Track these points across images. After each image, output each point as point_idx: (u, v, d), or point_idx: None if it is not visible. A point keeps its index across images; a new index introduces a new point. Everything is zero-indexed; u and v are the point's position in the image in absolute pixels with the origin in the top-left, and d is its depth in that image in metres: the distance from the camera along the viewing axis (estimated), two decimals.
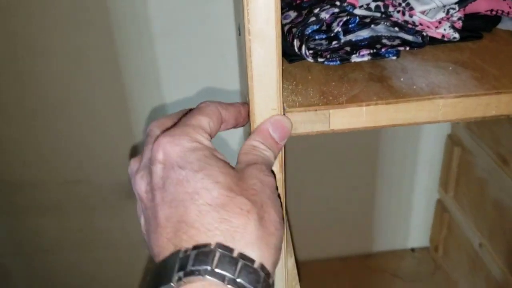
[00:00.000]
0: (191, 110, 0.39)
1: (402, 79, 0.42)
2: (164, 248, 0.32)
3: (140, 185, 0.35)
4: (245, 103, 0.41)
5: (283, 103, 0.38)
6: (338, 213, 1.10)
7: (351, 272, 1.11)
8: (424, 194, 1.10)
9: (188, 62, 0.88)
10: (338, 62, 0.44)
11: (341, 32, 0.44)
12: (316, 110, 0.38)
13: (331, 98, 0.40)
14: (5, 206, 0.99)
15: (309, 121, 0.39)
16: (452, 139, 1.02)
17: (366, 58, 0.45)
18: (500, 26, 0.51)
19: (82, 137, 0.93)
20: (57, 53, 0.84)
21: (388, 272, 1.11)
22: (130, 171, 0.38)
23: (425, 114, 0.39)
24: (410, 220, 1.14)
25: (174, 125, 0.37)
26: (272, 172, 0.37)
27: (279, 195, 0.36)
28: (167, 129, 0.36)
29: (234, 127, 0.40)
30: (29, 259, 1.06)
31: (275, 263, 0.33)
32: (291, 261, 0.48)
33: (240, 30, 0.50)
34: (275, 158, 0.38)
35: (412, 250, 1.16)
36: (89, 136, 0.93)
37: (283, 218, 0.35)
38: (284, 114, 0.38)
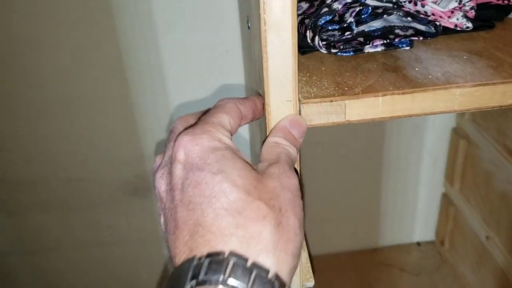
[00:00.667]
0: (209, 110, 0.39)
1: (417, 69, 0.41)
2: (180, 250, 0.31)
3: (160, 184, 0.35)
4: (259, 96, 0.40)
5: (298, 95, 0.38)
6: (343, 208, 1.10)
7: (357, 267, 1.11)
8: (429, 188, 1.10)
9: (192, 57, 0.87)
10: (352, 53, 0.44)
11: (354, 23, 0.44)
12: (331, 101, 0.38)
13: (346, 88, 0.39)
14: (9, 204, 0.99)
15: (325, 112, 0.38)
16: (458, 132, 1.01)
17: (379, 49, 0.44)
18: None
19: (86, 134, 0.92)
20: (60, 50, 0.83)
21: (395, 266, 1.11)
22: (153, 167, 0.38)
23: (442, 104, 0.39)
24: (416, 214, 1.13)
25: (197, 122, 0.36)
26: (295, 171, 0.36)
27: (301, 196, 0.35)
28: (190, 126, 0.36)
29: (251, 120, 0.40)
30: (34, 257, 1.06)
31: (293, 270, 0.32)
32: (305, 255, 0.48)
33: (250, 22, 0.49)
34: (297, 154, 0.38)
35: (418, 244, 1.16)
36: (93, 133, 0.92)
37: (303, 222, 0.34)
38: (299, 106, 0.38)
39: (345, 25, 0.44)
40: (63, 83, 0.87)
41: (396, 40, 0.44)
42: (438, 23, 0.45)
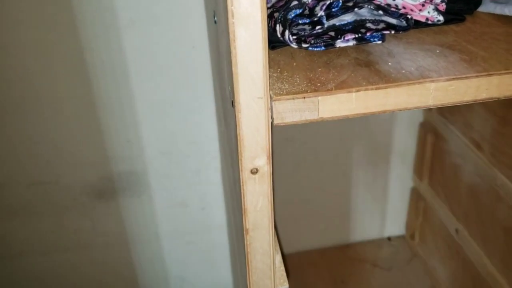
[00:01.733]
0: None
1: (389, 63, 0.40)
2: None
3: None
4: None
5: (269, 91, 0.36)
6: (314, 205, 1.09)
7: (329, 263, 1.10)
8: (399, 183, 1.11)
9: (157, 54, 0.85)
10: (323, 48, 0.43)
11: (325, 17, 0.42)
12: (304, 97, 0.36)
13: (319, 84, 0.38)
14: None
15: (298, 110, 0.37)
16: (425, 126, 1.02)
17: (351, 43, 0.43)
18: (481, 9, 0.51)
19: (48, 135, 0.88)
20: (19, 48, 0.79)
21: (366, 261, 1.11)
22: None
23: (416, 99, 0.38)
24: (386, 209, 1.14)
25: None
26: None
27: None
28: None
29: None
30: None
31: None
32: (278, 258, 0.46)
33: (217, 17, 0.47)
34: None
35: (389, 238, 1.17)
36: (55, 134, 0.89)
37: None
38: (271, 103, 0.36)
39: (315, 19, 0.42)
40: (23, 83, 0.83)
41: (368, 34, 0.43)
42: (409, 17, 0.45)
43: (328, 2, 0.43)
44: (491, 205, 0.83)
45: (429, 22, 0.46)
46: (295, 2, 0.42)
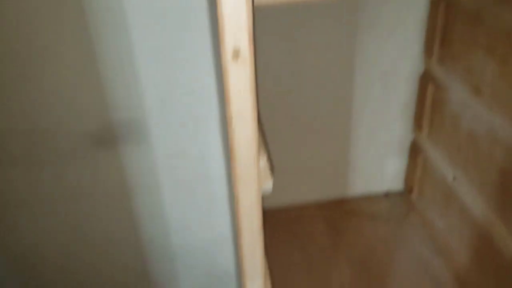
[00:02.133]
0: None
1: None
2: None
3: None
4: None
5: None
6: (312, 158, 1.09)
7: (327, 217, 1.11)
8: (398, 137, 1.10)
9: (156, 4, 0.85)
10: None
11: None
12: None
13: None
14: None
15: None
16: (426, 77, 1.01)
17: None
18: None
19: (48, 83, 0.89)
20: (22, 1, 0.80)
21: (364, 215, 1.11)
22: None
23: None
24: (384, 163, 1.14)
25: None
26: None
27: None
28: None
29: None
30: None
31: None
32: (263, 158, 0.46)
33: None
34: None
35: (387, 194, 1.17)
36: (55, 82, 0.89)
37: None
38: None
39: None
40: (22, 31, 0.83)
41: None
42: None
43: None
44: (488, 149, 0.82)
45: None
46: None
